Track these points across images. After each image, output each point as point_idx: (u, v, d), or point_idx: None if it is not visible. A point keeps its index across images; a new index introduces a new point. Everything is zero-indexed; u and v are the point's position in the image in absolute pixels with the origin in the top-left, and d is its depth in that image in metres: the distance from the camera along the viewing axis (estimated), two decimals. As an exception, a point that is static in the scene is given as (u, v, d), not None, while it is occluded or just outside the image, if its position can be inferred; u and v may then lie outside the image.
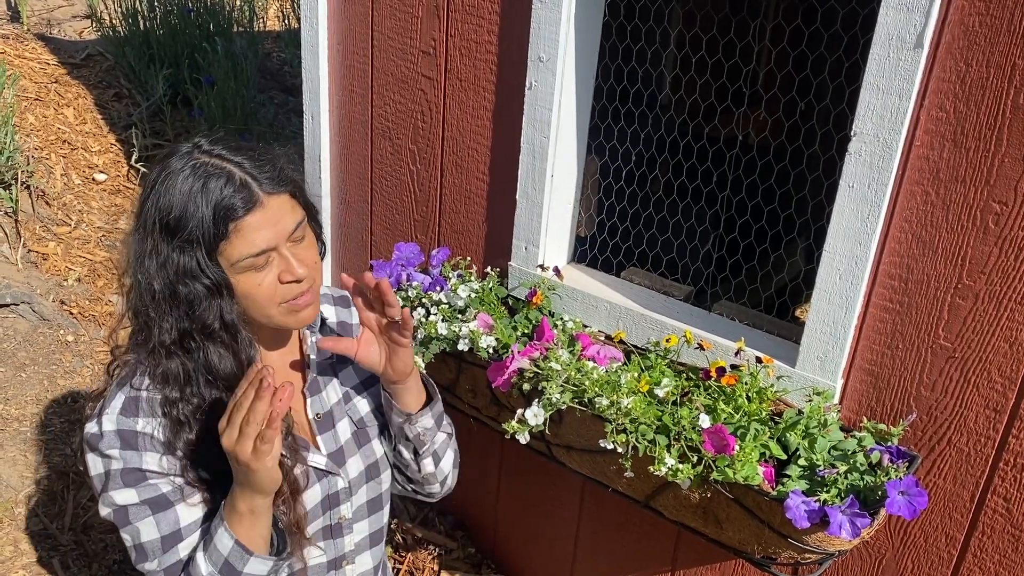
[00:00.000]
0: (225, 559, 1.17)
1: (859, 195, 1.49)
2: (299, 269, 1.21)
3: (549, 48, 1.82)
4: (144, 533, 1.21)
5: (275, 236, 1.20)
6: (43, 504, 2.52)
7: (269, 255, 1.20)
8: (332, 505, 1.39)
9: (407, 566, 2.49)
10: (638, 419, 1.57)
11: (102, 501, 1.23)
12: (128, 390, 1.22)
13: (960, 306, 1.48)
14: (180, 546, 1.22)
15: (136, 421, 1.21)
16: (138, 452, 1.20)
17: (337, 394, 1.44)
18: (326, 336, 1.44)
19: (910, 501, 1.39)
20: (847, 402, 1.66)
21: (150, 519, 1.21)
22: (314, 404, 1.39)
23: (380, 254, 2.42)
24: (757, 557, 1.63)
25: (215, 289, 1.18)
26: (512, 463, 2.33)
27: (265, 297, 1.22)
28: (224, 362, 1.21)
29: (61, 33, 4.73)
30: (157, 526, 1.21)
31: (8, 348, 2.91)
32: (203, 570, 1.19)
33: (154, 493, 1.21)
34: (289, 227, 1.21)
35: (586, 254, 2.15)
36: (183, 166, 1.18)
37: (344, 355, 1.32)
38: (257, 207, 1.17)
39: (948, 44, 1.39)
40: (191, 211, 1.15)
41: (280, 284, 1.22)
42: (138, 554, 1.23)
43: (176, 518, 1.22)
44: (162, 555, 1.22)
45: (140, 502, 1.20)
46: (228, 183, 1.16)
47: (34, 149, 3.60)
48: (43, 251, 3.29)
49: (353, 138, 2.36)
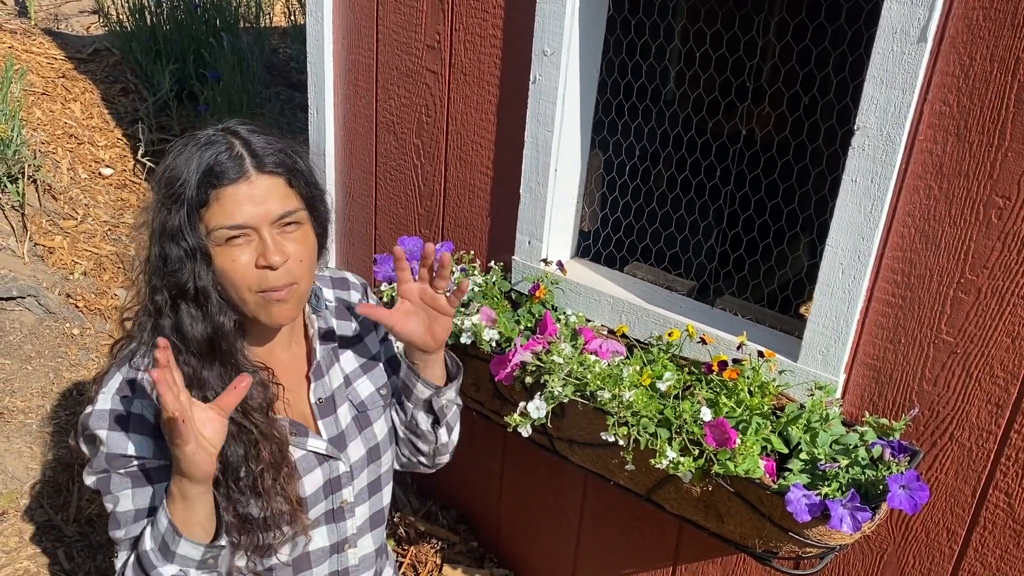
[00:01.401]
0: (162, 536, 1.18)
1: (862, 189, 1.49)
2: (274, 256, 1.20)
3: (553, 42, 1.82)
4: (122, 503, 1.23)
5: (256, 216, 1.19)
6: (48, 496, 2.53)
7: (248, 234, 1.20)
8: (334, 489, 1.40)
9: (410, 559, 2.50)
10: (640, 412, 1.57)
11: (88, 471, 1.25)
12: (127, 370, 1.23)
13: (963, 301, 1.48)
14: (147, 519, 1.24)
15: (131, 402, 1.21)
16: (126, 435, 1.21)
17: (339, 378, 1.45)
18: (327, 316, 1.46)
19: (911, 495, 1.39)
20: (849, 397, 1.66)
21: (128, 491, 1.23)
22: (316, 389, 1.40)
23: (384, 248, 2.42)
24: (758, 551, 1.63)
25: (191, 253, 1.19)
26: (515, 457, 2.34)
27: (238, 278, 1.21)
28: (195, 326, 1.21)
29: (68, 28, 4.74)
30: (133, 499, 1.23)
31: (14, 341, 2.92)
32: (147, 544, 1.20)
33: (136, 470, 1.22)
34: (275, 211, 1.21)
35: (589, 249, 2.15)
36: (202, 133, 1.22)
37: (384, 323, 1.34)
38: (242, 180, 1.18)
39: (952, 38, 1.39)
40: (183, 172, 1.18)
41: (255, 268, 1.21)
42: (112, 521, 1.25)
43: (152, 494, 1.23)
44: (131, 525, 1.24)
45: (123, 472, 1.22)
46: (224, 152, 1.18)
47: (41, 143, 3.61)
48: (49, 245, 3.31)
49: (357, 132, 2.36)
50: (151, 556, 1.18)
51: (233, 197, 1.18)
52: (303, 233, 1.26)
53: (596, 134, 2.02)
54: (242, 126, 1.25)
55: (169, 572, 1.18)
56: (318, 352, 1.41)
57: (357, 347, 1.51)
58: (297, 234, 1.25)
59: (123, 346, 1.29)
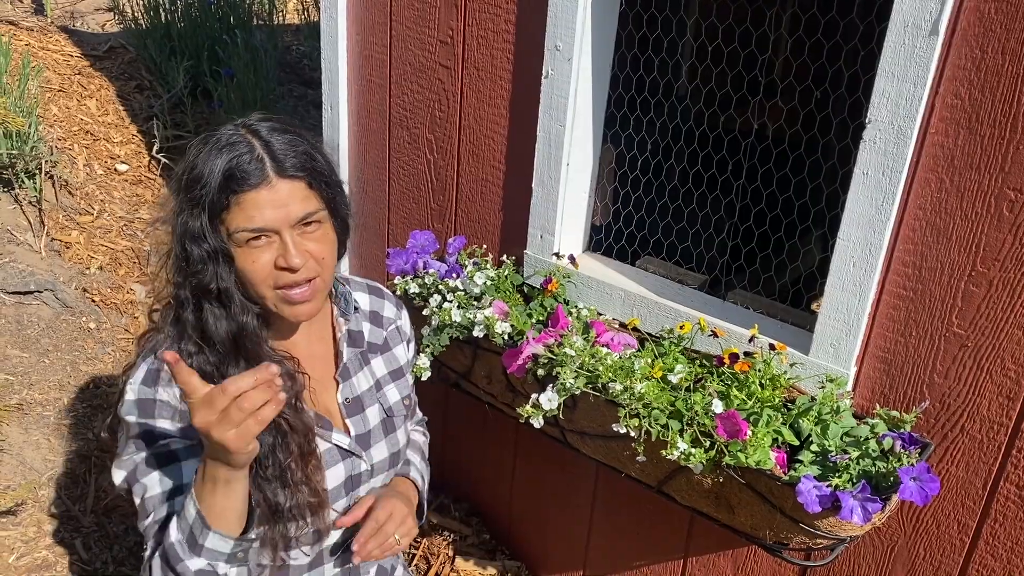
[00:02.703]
0: (189, 528, 1.15)
1: (873, 183, 1.50)
2: (295, 258, 1.21)
3: (566, 37, 1.83)
4: (149, 488, 1.22)
5: (277, 219, 1.20)
6: (66, 487, 2.57)
7: (270, 236, 1.21)
8: (354, 486, 1.41)
9: (422, 551, 2.52)
10: (651, 404, 1.58)
11: (117, 464, 1.25)
12: (151, 361, 1.26)
13: (974, 293, 1.48)
14: (177, 500, 1.21)
15: (156, 390, 1.24)
16: (153, 418, 1.23)
17: (368, 382, 1.46)
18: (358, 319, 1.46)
19: (922, 487, 1.40)
20: (860, 389, 1.67)
21: (156, 474, 1.22)
22: (344, 390, 1.42)
23: (397, 242, 2.44)
24: (769, 542, 1.64)
25: (213, 255, 1.20)
26: (526, 450, 2.35)
27: (259, 277, 1.23)
28: (219, 325, 1.23)
29: (84, 26, 4.78)
30: (160, 481, 1.22)
31: (32, 334, 2.95)
32: (173, 536, 1.16)
33: (163, 450, 1.23)
34: (296, 214, 1.21)
35: (601, 243, 2.16)
36: (222, 132, 1.21)
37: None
38: (263, 185, 1.18)
39: (964, 31, 1.39)
40: (204, 174, 1.18)
41: (276, 268, 1.23)
42: (140, 512, 1.24)
43: (181, 473, 1.23)
44: (158, 508, 1.22)
45: (149, 455, 1.22)
46: (245, 155, 1.18)
47: (57, 140, 3.65)
48: (66, 240, 3.34)
49: (371, 128, 2.38)
50: (177, 549, 1.15)
51: (254, 201, 1.19)
52: (324, 232, 1.27)
53: (608, 129, 2.03)
54: (263, 123, 1.25)
55: (196, 566, 1.15)
56: (345, 355, 1.43)
57: (386, 355, 1.52)
58: (318, 233, 1.26)
59: (149, 337, 1.31)
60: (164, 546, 1.17)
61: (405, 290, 2.01)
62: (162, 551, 1.17)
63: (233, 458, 1.09)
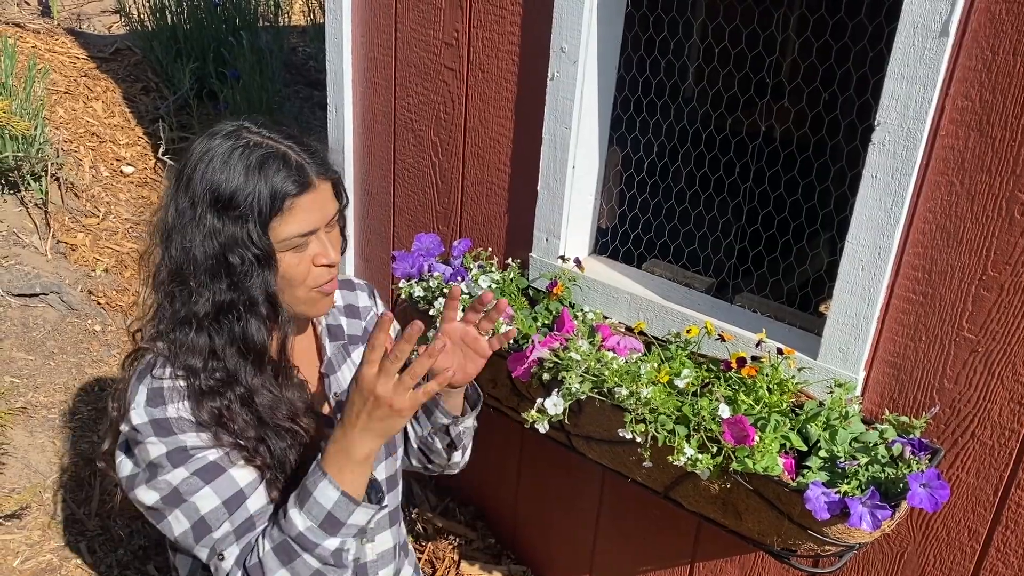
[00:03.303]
0: (328, 512, 1.17)
1: (883, 185, 1.48)
2: (335, 254, 1.26)
3: (572, 39, 1.82)
4: (203, 505, 1.20)
5: (320, 219, 1.24)
6: (71, 490, 2.56)
7: (309, 237, 1.24)
8: None
9: (427, 556, 2.51)
10: (658, 409, 1.57)
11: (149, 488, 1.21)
12: (149, 381, 1.23)
13: (985, 297, 1.46)
14: (247, 503, 1.22)
15: (164, 409, 1.21)
16: (176, 435, 1.20)
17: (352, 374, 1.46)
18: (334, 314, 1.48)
19: (932, 494, 1.38)
20: (869, 394, 1.65)
21: (206, 489, 1.20)
22: (332, 385, 1.42)
23: (402, 245, 2.43)
24: (777, 549, 1.62)
25: (264, 260, 1.20)
26: (532, 454, 2.34)
27: (299, 278, 1.25)
28: (260, 334, 1.23)
29: (90, 27, 4.79)
30: (216, 493, 1.20)
31: (37, 337, 2.95)
32: (300, 525, 1.17)
33: (203, 463, 1.20)
34: (331, 213, 1.26)
35: (607, 246, 2.15)
36: (236, 143, 1.21)
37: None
38: (310, 189, 1.22)
39: (974, 32, 1.37)
40: (249, 187, 1.18)
41: (313, 267, 1.26)
42: (197, 531, 1.21)
43: (232, 480, 1.22)
44: (229, 517, 1.21)
45: (191, 475, 1.19)
46: (285, 164, 1.20)
47: (63, 142, 3.65)
48: (72, 242, 3.34)
49: (376, 130, 2.37)
50: (308, 536, 1.17)
51: (304, 206, 1.21)
52: (337, 230, 1.32)
53: (614, 131, 2.02)
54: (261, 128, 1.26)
55: (332, 546, 1.18)
56: (328, 349, 1.43)
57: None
58: (335, 232, 1.30)
59: (134, 359, 1.29)
60: (284, 539, 1.18)
61: (410, 293, 2.00)
62: (275, 546, 1.18)
63: (397, 424, 1.16)
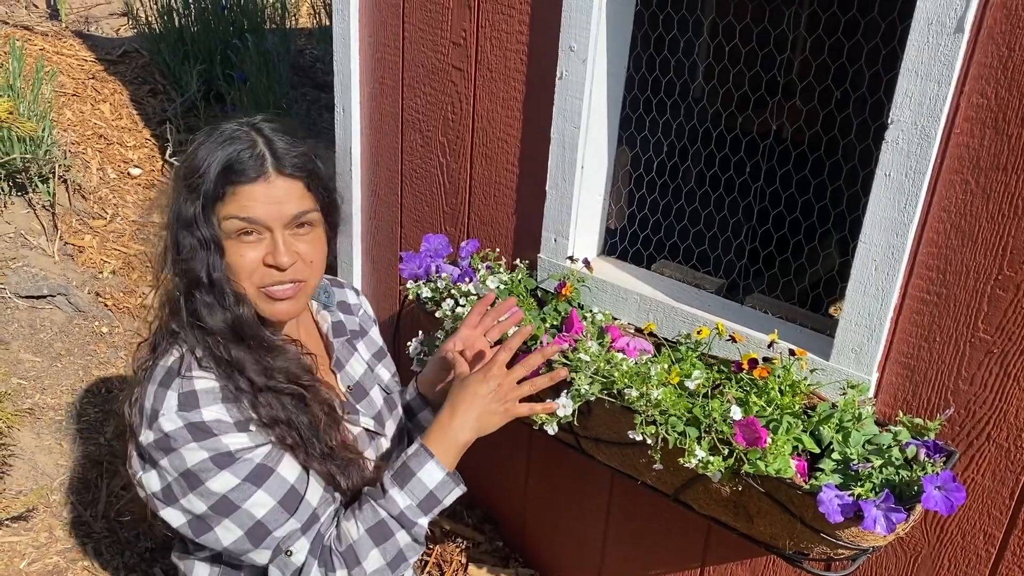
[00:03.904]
0: (431, 491, 1.25)
1: (896, 184, 1.46)
2: (283, 257, 1.21)
3: (580, 37, 1.81)
4: (259, 510, 1.18)
5: (270, 215, 1.20)
6: (77, 492, 2.56)
7: (260, 232, 1.21)
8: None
9: (435, 558, 2.49)
10: (668, 411, 1.55)
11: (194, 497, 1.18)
12: (179, 383, 1.21)
13: (1000, 298, 1.44)
14: (307, 497, 1.23)
15: (199, 412, 1.19)
16: (215, 438, 1.18)
17: (362, 366, 1.48)
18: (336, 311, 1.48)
19: (947, 496, 1.36)
20: (882, 396, 1.63)
21: (260, 493, 1.18)
22: (343, 378, 1.43)
23: (409, 246, 2.42)
24: (789, 552, 1.60)
25: (204, 243, 1.19)
26: (540, 457, 2.32)
27: (244, 272, 1.22)
28: (213, 315, 1.21)
29: (98, 30, 4.80)
30: (271, 495, 1.19)
31: (45, 339, 2.95)
32: (401, 503, 1.24)
33: (250, 467, 1.18)
34: (290, 212, 1.21)
35: (616, 246, 2.13)
36: (226, 127, 1.22)
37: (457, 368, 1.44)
38: (261, 179, 1.19)
39: (990, 28, 1.35)
40: (203, 163, 1.18)
41: (263, 265, 1.22)
42: (254, 536, 1.19)
43: (282, 479, 1.21)
44: (292, 515, 1.20)
45: (241, 481, 1.18)
46: (247, 150, 1.19)
47: (71, 144, 3.65)
48: (79, 244, 3.34)
49: (383, 130, 2.36)
50: (407, 514, 1.24)
51: (250, 194, 1.19)
52: (316, 235, 1.27)
53: (623, 130, 2.00)
54: (267, 123, 1.25)
55: (425, 523, 1.27)
56: (336, 345, 1.44)
57: (366, 339, 1.57)
58: (310, 236, 1.26)
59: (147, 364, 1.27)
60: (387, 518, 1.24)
61: (418, 294, 1.99)
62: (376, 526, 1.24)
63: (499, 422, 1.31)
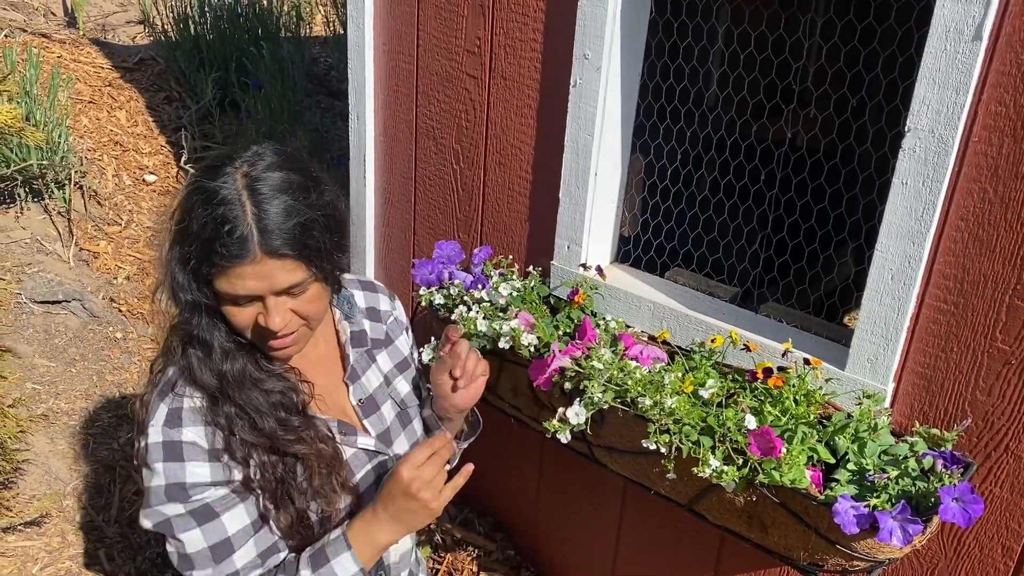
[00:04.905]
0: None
1: (913, 192, 1.45)
2: (275, 320, 1.19)
3: (595, 46, 1.81)
4: (190, 544, 1.22)
5: (261, 288, 1.18)
6: (90, 497, 2.56)
7: (253, 298, 1.20)
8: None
9: (446, 567, 2.48)
10: (682, 420, 1.54)
11: (144, 514, 1.24)
12: (171, 399, 1.24)
13: (1019, 307, 1.43)
14: (235, 556, 1.24)
15: (180, 431, 1.22)
16: (182, 464, 1.21)
17: (378, 379, 1.45)
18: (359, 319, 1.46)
19: (965, 508, 1.34)
20: (898, 406, 1.61)
21: (196, 530, 1.22)
22: (356, 391, 1.42)
23: (422, 252, 2.42)
24: (803, 563, 1.59)
25: (195, 306, 1.21)
26: (552, 465, 2.31)
27: (240, 326, 1.24)
28: (203, 371, 1.24)
29: (115, 38, 4.84)
30: (204, 536, 1.22)
31: (59, 344, 2.97)
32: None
33: (198, 505, 1.22)
34: (280, 284, 1.18)
35: (630, 254, 2.12)
36: (220, 183, 1.16)
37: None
38: (247, 262, 1.14)
39: (1008, 36, 1.34)
40: (195, 235, 1.16)
41: (258, 323, 1.22)
42: (184, 563, 1.24)
43: (223, 527, 1.23)
44: (215, 565, 1.23)
45: (185, 513, 1.22)
46: (234, 229, 1.13)
47: (87, 150, 3.68)
48: (94, 250, 3.36)
49: (397, 138, 2.37)
50: None
51: (238, 273, 1.16)
52: (311, 294, 1.23)
53: (637, 138, 2.00)
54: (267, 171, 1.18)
55: None
56: (352, 356, 1.42)
57: (390, 349, 1.53)
58: (306, 295, 1.22)
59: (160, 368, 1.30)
60: None
61: (430, 301, 1.99)
62: None
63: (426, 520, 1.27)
